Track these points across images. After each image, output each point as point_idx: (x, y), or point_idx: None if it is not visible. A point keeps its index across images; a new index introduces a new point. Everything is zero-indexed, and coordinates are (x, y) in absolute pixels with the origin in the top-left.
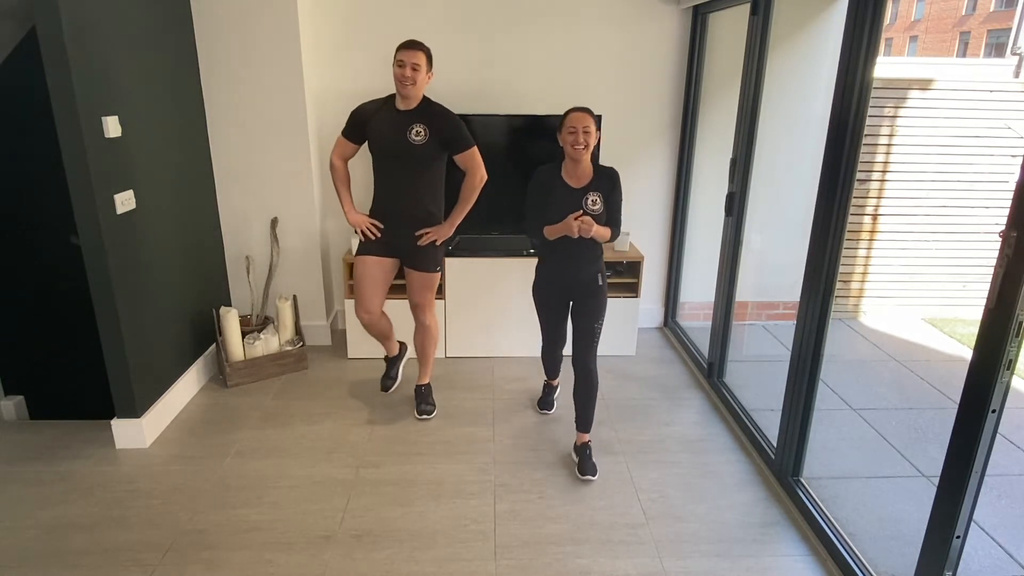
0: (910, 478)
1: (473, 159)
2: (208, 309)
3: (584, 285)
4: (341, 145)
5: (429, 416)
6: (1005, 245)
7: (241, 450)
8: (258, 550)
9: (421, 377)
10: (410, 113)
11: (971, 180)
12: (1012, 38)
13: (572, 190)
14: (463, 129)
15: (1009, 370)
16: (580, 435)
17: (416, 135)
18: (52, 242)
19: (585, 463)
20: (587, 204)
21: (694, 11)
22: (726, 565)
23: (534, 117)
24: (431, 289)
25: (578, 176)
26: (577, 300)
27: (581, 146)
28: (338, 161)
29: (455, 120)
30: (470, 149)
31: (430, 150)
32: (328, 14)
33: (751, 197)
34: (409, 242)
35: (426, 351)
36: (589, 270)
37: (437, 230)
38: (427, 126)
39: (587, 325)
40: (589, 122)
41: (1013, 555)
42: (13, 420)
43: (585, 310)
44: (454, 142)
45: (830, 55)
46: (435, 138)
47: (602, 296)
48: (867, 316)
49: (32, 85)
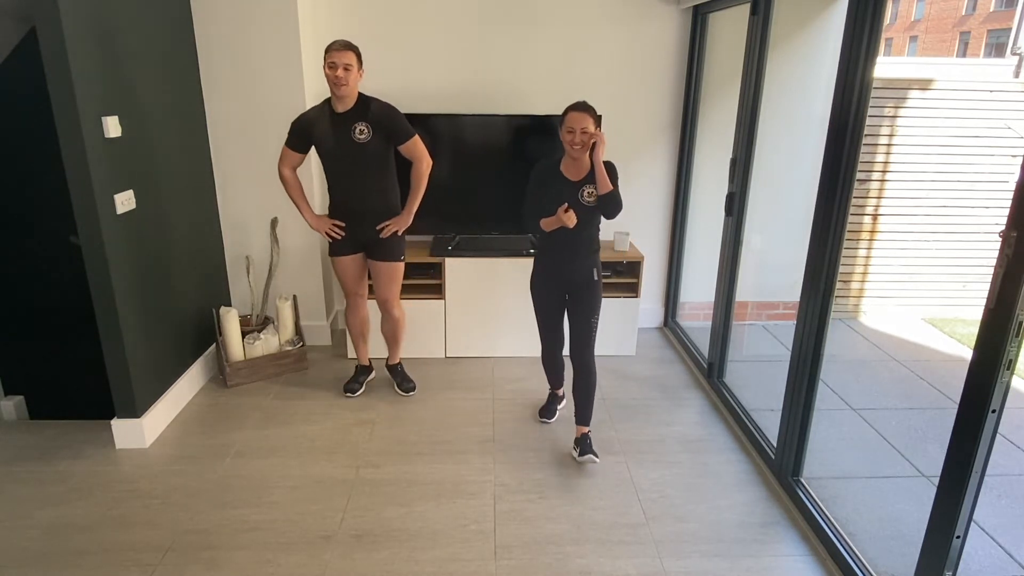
0: (910, 478)
1: (416, 147)
2: (208, 309)
3: (581, 280)
4: (288, 156)
5: (414, 391)
6: (1005, 245)
7: (241, 450)
8: (258, 550)
9: (393, 358)
10: (349, 114)
11: (971, 180)
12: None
13: (569, 183)
14: (403, 120)
15: (1009, 370)
16: (580, 428)
17: (360, 134)
18: (52, 242)
19: (585, 448)
20: (582, 196)
21: (694, 11)
22: (726, 565)
23: (534, 117)
24: (397, 280)
25: (577, 170)
26: (573, 295)
27: (578, 146)
28: (287, 171)
29: (394, 112)
30: (412, 138)
31: (376, 146)
32: (328, 14)
33: (751, 197)
34: (372, 235)
35: (396, 336)
36: (585, 264)
37: (397, 221)
38: (368, 123)
39: (584, 321)
40: (588, 122)
41: (1013, 555)
42: (13, 420)
43: (581, 306)
44: (396, 134)
45: (830, 55)
46: (378, 134)
47: (598, 291)
48: (867, 316)
49: (32, 85)
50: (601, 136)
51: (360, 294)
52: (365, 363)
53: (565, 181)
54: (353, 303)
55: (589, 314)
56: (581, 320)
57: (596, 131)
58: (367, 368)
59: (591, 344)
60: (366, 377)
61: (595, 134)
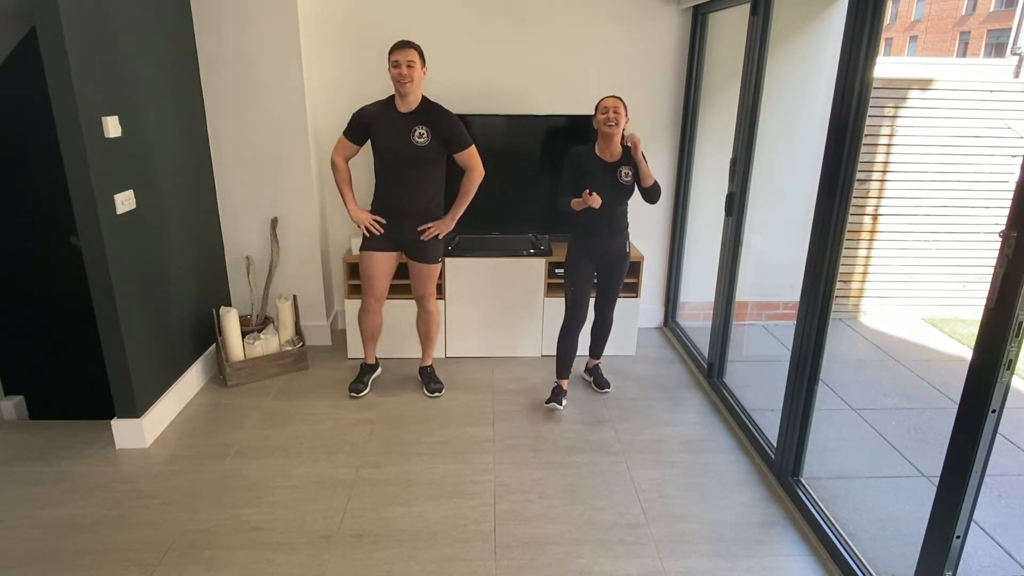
0: (910, 478)
1: (472, 157)
2: (208, 309)
3: (615, 252)
4: (343, 146)
5: (440, 394)
6: (1005, 245)
7: (241, 450)
8: (258, 550)
9: (425, 359)
10: (412, 115)
11: (971, 180)
12: (1012, 38)
13: (606, 164)
14: (462, 129)
15: (1009, 370)
16: (592, 359)
17: (419, 137)
18: (52, 242)
19: (600, 379)
20: (620, 176)
21: (694, 11)
22: (726, 565)
23: (535, 117)
24: (433, 280)
25: (611, 152)
26: (606, 268)
27: (612, 123)
28: (340, 161)
29: (455, 120)
30: (469, 148)
31: (432, 151)
32: (328, 14)
33: (751, 197)
34: (412, 236)
35: (430, 334)
36: (619, 239)
37: (439, 224)
38: (429, 128)
39: (613, 287)
40: (620, 105)
41: (1013, 555)
42: (13, 420)
43: (612, 276)
44: (454, 141)
45: (830, 55)
46: (436, 139)
47: (627, 262)
48: (867, 316)
49: (32, 85)
50: (637, 139)
51: (379, 298)
52: (371, 361)
53: (602, 163)
54: (370, 306)
55: (618, 282)
56: (611, 286)
57: (633, 133)
58: (372, 367)
59: (613, 304)
60: (371, 376)
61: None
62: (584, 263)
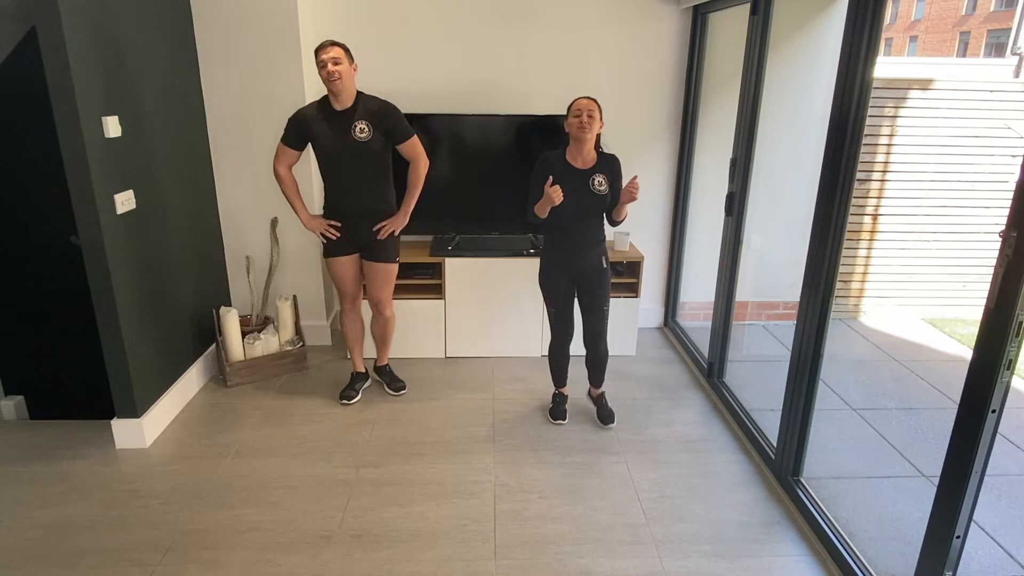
0: (910, 478)
1: (415, 147)
2: (208, 309)
3: (590, 267)
4: (284, 153)
5: (404, 390)
6: (1005, 245)
7: (241, 450)
8: (258, 550)
9: (381, 359)
10: (349, 111)
11: (971, 180)
12: (1012, 38)
13: (577, 171)
14: (403, 119)
15: (1009, 370)
16: (593, 389)
17: (360, 132)
18: (52, 242)
19: (604, 410)
20: (594, 184)
21: (694, 11)
22: (726, 565)
23: (534, 117)
24: (391, 281)
25: (583, 159)
26: (584, 286)
27: (585, 126)
28: (283, 170)
29: (395, 111)
30: (412, 138)
31: (376, 143)
32: (328, 14)
33: (751, 197)
34: (368, 236)
35: (386, 338)
36: (594, 253)
37: (393, 221)
38: (369, 121)
39: (596, 311)
40: (593, 107)
41: (1013, 555)
42: (13, 420)
43: (594, 298)
44: (396, 132)
45: (830, 55)
46: (378, 131)
47: (607, 279)
48: (867, 316)
49: (32, 85)
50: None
51: (356, 297)
52: (361, 370)
53: (573, 170)
54: (349, 308)
55: (601, 303)
56: (594, 309)
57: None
58: (364, 375)
59: (604, 335)
60: (363, 384)
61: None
62: (558, 276)
